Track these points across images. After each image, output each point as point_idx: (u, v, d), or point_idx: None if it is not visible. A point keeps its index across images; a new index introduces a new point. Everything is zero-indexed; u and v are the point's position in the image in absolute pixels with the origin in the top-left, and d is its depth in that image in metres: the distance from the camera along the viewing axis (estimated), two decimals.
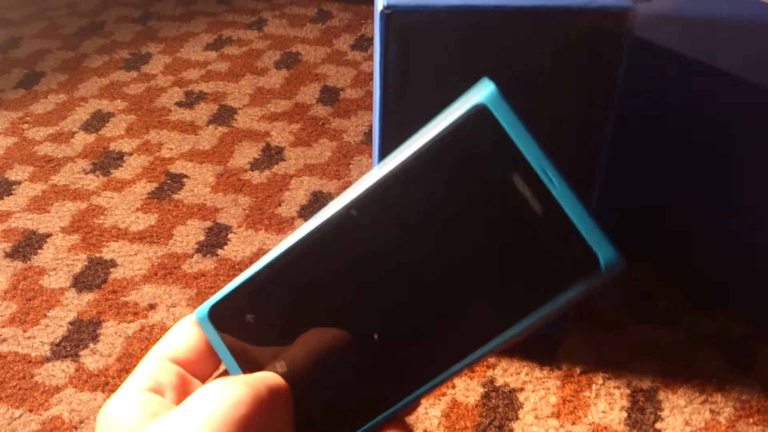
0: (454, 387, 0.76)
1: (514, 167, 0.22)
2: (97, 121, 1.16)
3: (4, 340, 0.81)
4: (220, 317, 0.27)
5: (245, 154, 1.09)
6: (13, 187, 1.03)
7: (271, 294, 0.26)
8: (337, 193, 1.02)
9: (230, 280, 0.29)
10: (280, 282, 0.26)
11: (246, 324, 0.26)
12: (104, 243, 0.94)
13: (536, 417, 0.74)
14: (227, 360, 0.27)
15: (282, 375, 0.26)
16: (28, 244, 0.93)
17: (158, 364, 0.27)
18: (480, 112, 0.23)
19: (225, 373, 0.27)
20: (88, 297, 0.86)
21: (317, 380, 0.26)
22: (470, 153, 0.23)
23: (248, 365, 0.27)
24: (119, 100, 1.21)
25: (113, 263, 0.91)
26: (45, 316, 0.84)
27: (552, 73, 0.65)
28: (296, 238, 0.26)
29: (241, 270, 0.90)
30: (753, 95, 0.73)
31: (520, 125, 0.23)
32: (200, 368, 0.28)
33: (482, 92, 0.23)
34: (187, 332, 0.28)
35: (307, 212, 0.99)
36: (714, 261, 0.84)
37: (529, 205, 0.22)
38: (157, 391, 0.26)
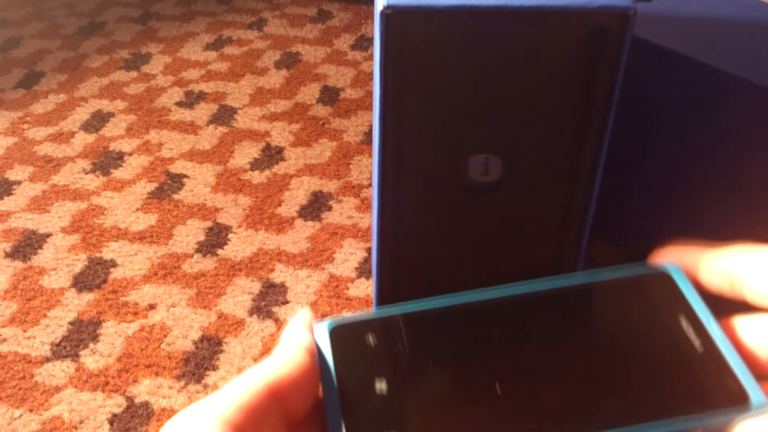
0: None
1: (685, 315, 0.28)
2: (97, 121, 1.16)
3: (4, 340, 0.81)
4: (343, 339, 0.26)
5: (245, 154, 1.09)
6: (13, 187, 1.03)
7: (410, 337, 0.26)
8: (337, 193, 1.02)
9: (229, 279, 0.29)
10: (428, 330, 0.26)
11: (371, 358, 0.26)
12: (104, 243, 0.94)
13: None
14: (329, 386, 0.26)
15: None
16: (28, 244, 0.93)
17: (263, 402, 0.24)
18: (666, 276, 0.30)
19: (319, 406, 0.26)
20: (88, 297, 0.86)
21: None
22: (650, 294, 0.29)
23: (350, 399, 0.25)
24: (119, 100, 1.21)
25: (113, 263, 0.91)
26: (45, 316, 0.84)
27: (552, 73, 0.65)
28: (473, 296, 0.27)
29: (241, 270, 0.90)
30: (753, 95, 0.73)
31: (695, 294, 0.29)
32: (298, 400, 0.25)
33: (670, 268, 0.30)
34: (296, 358, 0.25)
35: (306, 212, 0.99)
36: None
37: (692, 344, 0.27)
38: None
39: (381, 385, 0.25)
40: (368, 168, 1.07)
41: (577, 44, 0.63)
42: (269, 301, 0.86)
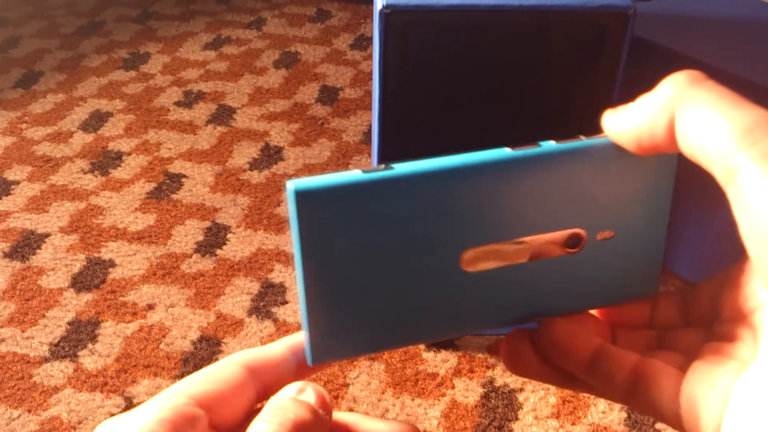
0: (453, 387, 0.76)
1: None
2: (95, 121, 1.16)
3: (3, 340, 0.81)
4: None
5: (244, 153, 1.09)
6: (12, 187, 1.03)
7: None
8: None
9: (227, 280, 0.28)
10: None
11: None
12: (103, 243, 0.94)
13: (536, 417, 0.74)
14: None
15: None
16: (26, 244, 0.93)
17: (187, 408, 0.25)
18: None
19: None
20: (87, 297, 0.86)
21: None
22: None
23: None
24: (118, 100, 1.21)
25: (112, 263, 0.90)
26: (43, 316, 0.84)
27: (552, 72, 0.65)
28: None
29: (240, 270, 0.90)
30: (753, 95, 0.73)
31: None
32: (225, 412, 0.26)
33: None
34: (226, 372, 0.26)
35: None
36: (714, 257, 0.84)
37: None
38: None
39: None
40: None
41: (577, 44, 0.63)
42: (268, 301, 0.86)
